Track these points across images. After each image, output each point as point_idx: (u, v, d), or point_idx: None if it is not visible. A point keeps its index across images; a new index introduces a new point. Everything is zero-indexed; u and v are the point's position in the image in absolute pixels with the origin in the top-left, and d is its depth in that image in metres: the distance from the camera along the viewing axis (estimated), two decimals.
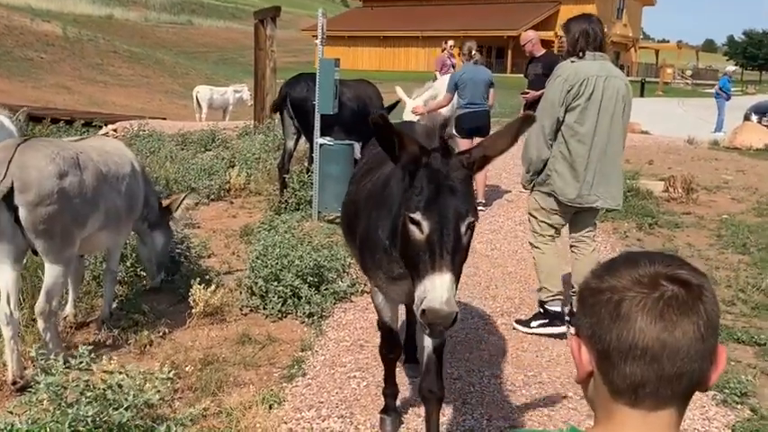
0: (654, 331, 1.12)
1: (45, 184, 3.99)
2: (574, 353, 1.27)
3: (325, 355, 4.60)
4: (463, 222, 2.45)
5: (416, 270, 2.46)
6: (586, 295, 1.24)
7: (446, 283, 2.34)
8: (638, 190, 9.37)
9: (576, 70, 4.67)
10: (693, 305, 1.13)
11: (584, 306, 1.24)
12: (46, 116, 15.23)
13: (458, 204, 2.45)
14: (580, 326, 1.26)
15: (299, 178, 8.26)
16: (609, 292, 1.18)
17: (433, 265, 2.38)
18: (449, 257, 2.38)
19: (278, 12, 13.13)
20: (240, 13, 74.20)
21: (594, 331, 1.19)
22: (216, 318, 5.13)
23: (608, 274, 1.22)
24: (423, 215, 2.45)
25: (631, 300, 1.15)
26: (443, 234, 2.41)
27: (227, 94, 20.92)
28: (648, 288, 1.15)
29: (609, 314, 1.16)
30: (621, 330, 1.14)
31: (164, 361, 4.15)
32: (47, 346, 4.20)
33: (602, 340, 1.17)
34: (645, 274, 1.17)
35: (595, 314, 1.19)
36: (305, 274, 5.33)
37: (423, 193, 2.47)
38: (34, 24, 38.23)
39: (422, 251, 2.44)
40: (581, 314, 1.25)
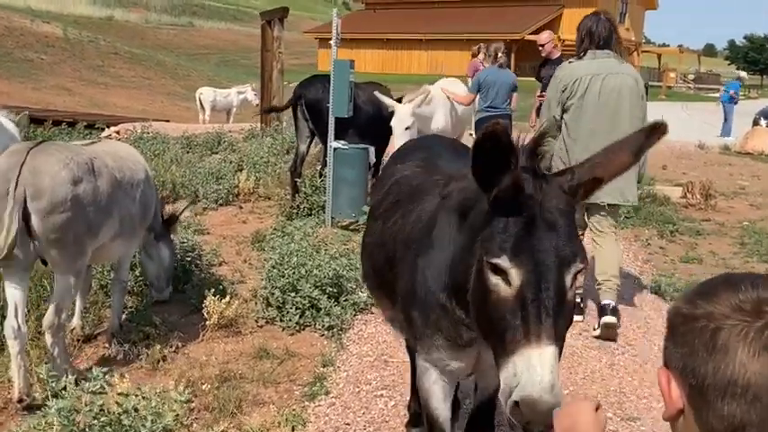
0: (757, 366, 0.98)
1: (58, 190, 3.77)
2: (662, 387, 1.12)
3: (347, 371, 4.38)
4: (569, 271, 1.80)
5: (501, 342, 1.80)
6: (677, 322, 1.11)
7: (548, 361, 1.70)
8: (655, 196, 9.18)
9: (571, 70, 4.81)
10: None
11: (674, 335, 1.11)
12: (47, 118, 15.00)
13: (560, 245, 1.79)
14: (670, 357, 1.12)
15: (312, 182, 8.04)
16: (704, 320, 1.05)
17: (527, 334, 1.73)
18: (550, 322, 1.73)
19: (286, 12, 12.93)
20: (242, 14, 74.03)
21: (687, 363, 1.06)
22: (231, 330, 4.90)
23: (703, 299, 1.08)
24: (511, 261, 1.78)
25: (731, 329, 1.01)
26: (542, 288, 1.75)
27: (230, 96, 20.68)
28: (751, 316, 1.01)
29: (704, 345, 1.03)
30: (719, 364, 1.01)
31: (179, 379, 3.93)
32: (54, 361, 3.98)
33: (695, 374, 1.04)
34: (747, 299, 1.03)
35: (688, 344, 1.06)
36: (323, 285, 5.11)
37: (509, 230, 1.80)
38: (34, 25, 37.98)
39: (509, 314, 1.78)
40: (671, 343, 1.12)
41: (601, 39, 4.79)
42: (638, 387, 4.26)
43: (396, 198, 2.86)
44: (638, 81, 4.90)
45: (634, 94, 4.82)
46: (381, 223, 2.89)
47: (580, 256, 1.83)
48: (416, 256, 2.44)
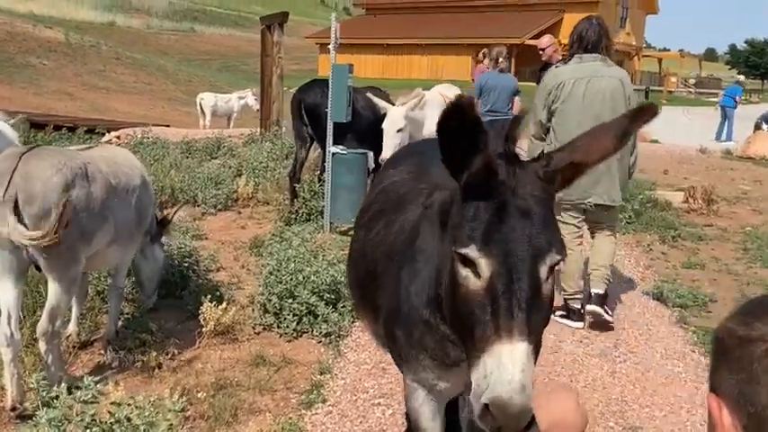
0: None
1: (50, 196, 3.72)
2: (714, 415, 1.02)
3: (345, 379, 4.32)
4: (543, 262, 1.63)
5: (472, 340, 1.63)
6: (731, 345, 1.01)
7: (519, 359, 1.53)
8: (656, 201, 9.11)
9: (556, 74, 4.95)
10: None
11: (728, 359, 1.01)
12: (48, 123, 15.02)
13: (534, 233, 1.62)
14: (721, 382, 1.03)
15: (310, 188, 7.99)
16: (763, 343, 0.96)
17: (497, 329, 1.57)
18: (522, 316, 1.56)
19: (285, 18, 12.90)
20: (243, 20, 74.21)
21: (744, 390, 0.97)
22: (227, 337, 4.85)
23: (758, 320, 0.99)
24: (481, 250, 1.62)
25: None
26: (513, 279, 1.59)
27: (231, 101, 20.67)
28: None
29: (765, 371, 0.94)
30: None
31: (174, 387, 3.88)
32: (48, 368, 3.92)
33: (755, 402, 0.95)
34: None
35: (744, 370, 0.97)
36: (321, 291, 5.06)
37: (479, 217, 1.64)
38: (36, 31, 38.03)
39: (479, 309, 1.62)
40: (723, 368, 1.03)
41: (589, 43, 4.88)
42: (640, 396, 4.20)
43: (381, 207, 2.71)
44: (624, 83, 4.93)
45: (619, 96, 4.86)
46: (364, 233, 2.74)
47: (556, 246, 1.65)
48: (399, 269, 2.28)
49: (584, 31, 4.91)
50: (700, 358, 4.76)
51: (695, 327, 5.32)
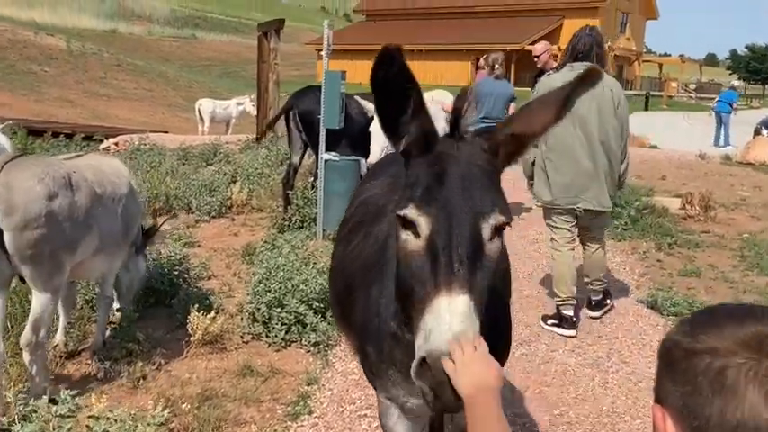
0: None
1: (32, 206, 3.68)
2: (658, 426, 1.04)
3: (332, 389, 4.27)
4: (485, 221, 1.59)
5: (415, 305, 1.58)
6: (678, 357, 1.02)
7: (457, 309, 1.48)
8: (653, 207, 9.05)
9: (548, 82, 4.98)
10: None
11: (673, 370, 1.02)
12: (47, 130, 15.01)
13: (475, 194, 1.60)
14: (667, 394, 1.03)
15: (304, 195, 7.96)
16: (708, 356, 0.97)
17: (437, 285, 1.52)
18: (464, 271, 1.52)
19: (282, 24, 12.90)
20: (243, 27, 74.35)
21: (688, 403, 0.98)
22: (215, 346, 4.80)
23: (704, 332, 1.01)
24: (419, 209, 1.60)
25: (739, 368, 0.94)
26: (453, 235, 1.55)
27: (229, 107, 20.67)
28: (758, 353, 0.94)
29: (710, 384, 0.95)
30: (727, 405, 0.93)
31: (158, 398, 3.83)
32: (32, 379, 3.89)
33: (698, 416, 0.96)
34: (753, 334, 0.96)
35: (690, 382, 0.98)
36: (310, 300, 5.01)
37: (419, 182, 1.64)
38: (38, 38, 38.16)
39: (420, 269, 1.58)
40: (668, 380, 1.03)
41: (581, 52, 4.99)
42: (632, 407, 4.15)
43: (360, 219, 2.66)
44: (613, 91, 5.00)
45: (607, 104, 4.95)
46: (343, 247, 2.69)
47: (500, 207, 1.62)
48: (371, 282, 2.22)
49: (576, 41, 5.03)
50: None
51: None
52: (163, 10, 73.94)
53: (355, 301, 2.37)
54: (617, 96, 5.01)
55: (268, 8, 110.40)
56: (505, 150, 1.73)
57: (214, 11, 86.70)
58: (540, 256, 7.20)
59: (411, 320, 1.63)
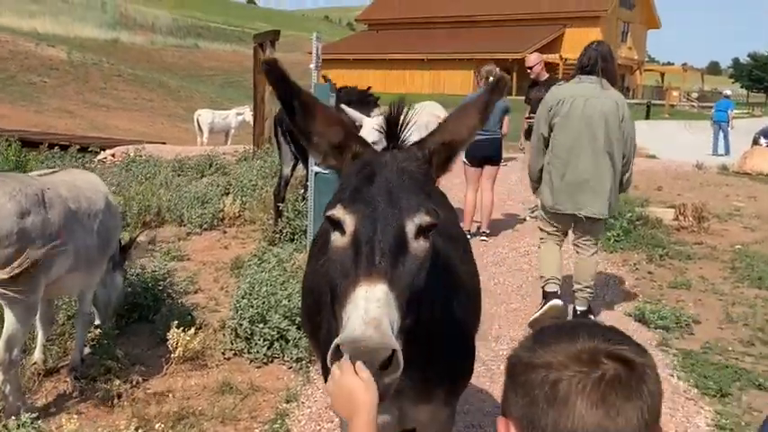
0: (595, 417, 1.00)
1: (3, 224, 3.65)
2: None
3: (311, 407, 4.22)
4: (409, 218, 1.66)
5: (340, 300, 1.62)
6: (519, 371, 1.10)
7: (374, 296, 1.51)
8: (647, 218, 9.00)
9: (557, 92, 5.35)
10: (637, 387, 1.02)
11: (514, 383, 1.10)
12: (43, 141, 14.99)
13: (402, 195, 1.68)
14: (509, 405, 1.12)
15: (295, 207, 7.93)
16: (543, 370, 1.05)
17: (358, 276, 1.57)
18: (385, 264, 1.57)
19: (277, 35, 12.90)
20: (246, 36, 74.44)
21: (526, 414, 1.06)
22: (196, 363, 4.76)
23: (542, 348, 1.09)
24: (345, 208, 1.67)
25: (569, 380, 1.02)
26: (375, 230, 1.62)
27: (228, 117, 20.69)
28: (588, 366, 1.03)
29: (545, 396, 1.04)
30: (559, 415, 1.02)
31: (131, 417, 3.79)
32: (6, 398, 3.85)
33: (536, 426, 1.04)
34: (583, 349, 1.05)
35: (528, 394, 1.06)
36: (293, 315, 4.96)
37: (348, 185, 1.73)
38: (39, 49, 38.30)
39: (344, 264, 1.64)
40: (511, 392, 1.11)
41: (586, 66, 5.26)
42: None
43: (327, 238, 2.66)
44: (618, 104, 5.20)
45: (613, 117, 5.16)
46: (314, 264, 2.69)
47: (426, 208, 1.68)
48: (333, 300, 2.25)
49: (584, 55, 5.30)
50: (679, 383, 4.65)
51: (676, 349, 5.21)
52: (165, 19, 74.17)
53: (323, 319, 2.35)
54: (621, 109, 5.19)
55: (271, 17, 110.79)
56: (438, 158, 1.85)
57: (217, 20, 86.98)
58: (530, 269, 7.15)
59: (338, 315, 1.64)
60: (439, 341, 2.11)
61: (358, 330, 1.45)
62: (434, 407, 2.31)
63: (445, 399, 2.33)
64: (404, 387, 2.09)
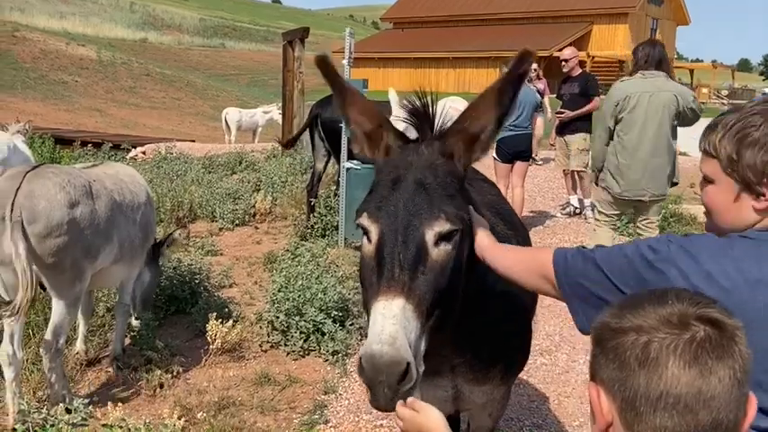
0: (688, 377, 1.02)
1: (54, 214, 3.73)
2: (593, 401, 1.14)
3: (349, 399, 4.26)
4: (428, 228, 1.72)
5: (367, 306, 1.73)
6: (606, 336, 1.12)
7: (392, 313, 1.59)
8: (681, 215, 8.91)
9: (623, 88, 5.54)
10: (728, 347, 1.04)
11: (603, 348, 1.12)
12: (75, 139, 15.21)
13: (421, 201, 1.74)
14: (598, 370, 1.14)
15: (326, 203, 7.96)
16: (634, 333, 1.08)
17: (379, 288, 1.65)
18: (402, 275, 1.65)
19: (306, 33, 12.94)
20: (272, 36, 74.84)
21: (618, 377, 1.08)
22: (234, 355, 4.82)
23: (630, 313, 1.11)
24: (370, 217, 1.75)
25: (661, 342, 1.05)
26: (396, 242, 1.69)
27: (255, 115, 20.78)
28: (679, 329, 1.05)
29: (635, 358, 1.06)
30: (651, 376, 1.04)
31: (174, 406, 3.84)
32: (52, 386, 3.93)
33: (627, 387, 1.07)
34: (673, 312, 1.07)
35: (618, 357, 1.08)
36: (329, 308, 5.00)
37: (377, 191, 1.81)
38: (69, 48, 38.79)
39: (370, 271, 1.73)
40: (601, 357, 1.13)
41: (654, 61, 5.48)
42: None
43: None
44: (678, 97, 5.44)
45: (673, 108, 5.45)
46: None
47: (447, 215, 1.74)
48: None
49: (650, 51, 5.50)
50: None
51: None
52: (193, 19, 74.81)
53: None
54: (682, 102, 5.42)
55: (297, 17, 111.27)
56: (461, 150, 1.88)
57: (243, 20, 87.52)
58: None
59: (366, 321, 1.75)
60: (495, 318, 2.13)
61: (375, 347, 1.55)
62: (490, 387, 2.35)
63: (502, 378, 2.36)
64: (459, 363, 2.14)
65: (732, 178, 1.61)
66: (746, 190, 1.59)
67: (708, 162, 1.66)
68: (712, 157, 1.64)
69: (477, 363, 2.22)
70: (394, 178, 1.79)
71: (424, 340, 1.69)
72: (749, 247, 1.54)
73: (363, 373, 1.59)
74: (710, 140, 1.65)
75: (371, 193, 1.84)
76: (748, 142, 1.56)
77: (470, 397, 2.35)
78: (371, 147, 1.95)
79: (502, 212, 2.73)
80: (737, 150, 1.58)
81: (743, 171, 1.58)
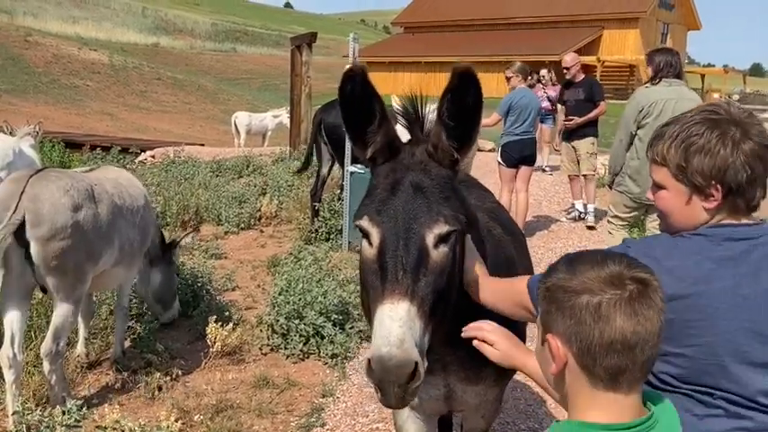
0: (630, 325, 1.30)
1: (58, 217, 3.77)
2: (554, 350, 1.37)
3: (346, 402, 4.27)
4: (429, 230, 1.78)
5: (372, 308, 1.76)
6: (561, 297, 1.36)
7: (398, 315, 1.65)
8: None
9: (648, 94, 5.65)
10: (654, 299, 1.33)
11: (560, 306, 1.36)
12: (85, 143, 15.33)
13: (420, 204, 1.79)
14: (553, 324, 1.38)
15: (331, 207, 7.99)
16: (587, 295, 1.32)
17: (383, 291, 1.71)
18: (406, 278, 1.71)
19: (314, 38, 12.99)
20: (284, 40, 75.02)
21: (575, 330, 1.33)
22: (234, 358, 4.85)
23: (579, 275, 1.35)
24: (371, 221, 1.80)
25: (608, 301, 1.31)
26: (398, 245, 1.75)
27: (265, 119, 20.87)
28: (619, 289, 1.31)
29: (591, 316, 1.31)
30: (603, 329, 1.30)
31: (171, 409, 3.87)
32: (52, 389, 3.96)
33: (583, 338, 1.32)
34: (612, 273, 1.33)
35: (575, 315, 1.33)
36: (329, 312, 5.02)
37: (376, 193, 1.85)
38: (81, 53, 39.10)
39: (373, 275, 1.78)
40: (557, 314, 1.36)
41: (675, 69, 5.65)
42: None
43: None
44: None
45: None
46: None
47: (446, 217, 1.79)
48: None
49: (672, 60, 5.66)
50: None
51: None
52: (204, 24, 75.21)
53: None
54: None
55: (308, 21, 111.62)
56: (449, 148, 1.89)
57: (254, 25, 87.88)
58: None
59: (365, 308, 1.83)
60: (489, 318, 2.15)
61: (384, 350, 1.61)
62: (483, 387, 2.37)
63: (495, 379, 2.37)
64: (451, 362, 2.16)
65: (682, 183, 1.74)
66: (696, 193, 1.73)
67: (658, 170, 1.79)
68: (662, 165, 1.77)
69: (469, 361, 2.24)
70: (391, 181, 1.84)
71: (427, 339, 1.76)
72: (702, 242, 1.69)
73: (373, 375, 1.65)
74: (658, 150, 1.78)
75: (369, 195, 1.88)
76: (694, 150, 1.70)
77: (463, 397, 2.37)
78: (365, 148, 1.96)
79: (500, 219, 2.78)
80: (685, 158, 1.71)
81: (692, 176, 1.71)
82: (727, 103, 2.09)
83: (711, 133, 1.68)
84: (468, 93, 1.84)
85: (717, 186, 1.68)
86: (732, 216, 1.72)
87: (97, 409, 4.01)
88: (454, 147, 1.90)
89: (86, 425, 3.39)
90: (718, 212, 1.72)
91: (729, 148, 1.66)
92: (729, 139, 1.66)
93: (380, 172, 1.90)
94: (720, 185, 1.68)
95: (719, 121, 1.70)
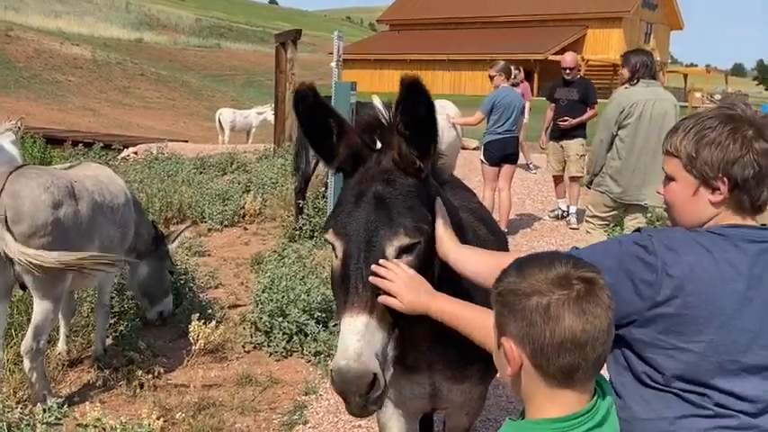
0: (579, 324, 1.33)
1: (39, 214, 3.75)
2: (508, 353, 1.40)
3: (329, 399, 4.27)
4: (388, 243, 1.80)
5: (337, 318, 1.87)
6: (512, 300, 1.39)
7: (356, 329, 1.70)
8: (665, 219, 8.92)
9: (628, 95, 5.69)
10: (600, 296, 1.36)
11: (512, 310, 1.39)
12: (67, 139, 15.19)
13: (379, 216, 1.80)
14: (507, 326, 1.41)
15: (315, 204, 7.98)
16: (536, 297, 1.35)
17: (345, 303, 1.76)
18: (365, 291, 1.74)
19: (298, 35, 12.96)
20: (268, 36, 74.73)
21: (527, 332, 1.36)
22: (216, 355, 4.83)
23: (528, 278, 1.39)
24: (335, 233, 1.84)
25: (557, 302, 1.34)
26: (359, 258, 1.78)
27: (249, 116, 20.79)
28: (567, 289, 1.35)
29: (540, 317, 1.34)
30: (554, 329, 1.33)
31: (153, 407, 3.85)
32: (33, 387, 3.94)
33: (535, 339, 1.35)
34: (559, 274, 1.37)
35: (526, 317, 1.36)
36: (312, 309, 5.02)
37: (341, 204, 1.89)
38: (63, 48, 38.72)
39: (338, 287, 1.84)
40: (509, 317, 1.40)
41: (651, 69, 5.75)
42: None
43: None
44: (675, 106, 5.77)
45: (672, 116, 5.62)
46: None
47: (406, 229, 1.81)
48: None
49: (647, 61, 5.73)
50: None
51: None
52: (188, 20, 74.76)
53: None
54: (677, 110, 5.70)
55: (293, 18, 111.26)
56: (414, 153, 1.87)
57: (239, 21, 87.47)
58: None
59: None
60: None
61: (342, 362, 1.68)
62: (468, 385, 2.38)
63: (480, 377, 2.39)
64: (436, 360, 2.16)
65: (691, 174, 1.77)
66: (704, 185, 1.76)
67: (670, 161, 1.83)
68: (674, 156, 1.81)
69: (455, 360, 2.25)
70: (356, 193, 1.86)
71: (392, 347, 1.80)
72: (718, 241, 1.70)
73: (335, 386, 1.72)
74: (672, 142, 1.83)
75: (336, 206, 1.91)
76: (705, 142, 1.74)
77: (449, 395, 2.38)
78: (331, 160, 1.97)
79: (484, 219, 2.82)
80: (696, 149, 1.75)
81: (701, 167, 1.75)
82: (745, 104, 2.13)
83: (724, 127, 1.73)
84: (419, 103, 1.82)
85: (723, 179, 1.71)
86: (737, 214, 1.75)
87: (78, 406, 3.99)
88: (415, 155, 1.88)
89: (67, 423, 3.37)
90: (723, 209, 1.75)
91: (740, 143, 1.70)
92: (741, 135, 1.71)
93: (348, 183, 1.92)
94: (727, 179, 1.71)
95: (734, 118, 1.74)
